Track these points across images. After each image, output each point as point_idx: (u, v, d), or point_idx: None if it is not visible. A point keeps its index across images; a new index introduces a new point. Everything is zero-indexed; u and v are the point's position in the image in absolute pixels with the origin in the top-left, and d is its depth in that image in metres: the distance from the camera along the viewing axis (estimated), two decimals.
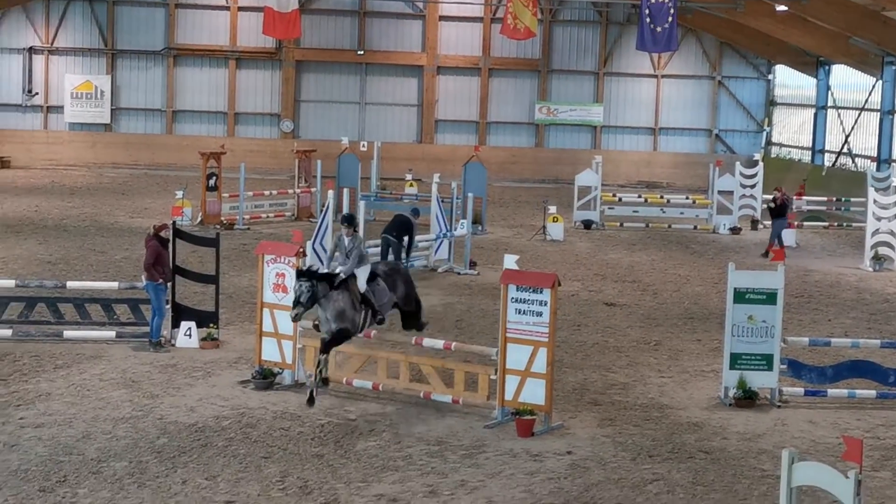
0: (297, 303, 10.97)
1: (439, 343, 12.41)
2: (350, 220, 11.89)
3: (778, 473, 6.66)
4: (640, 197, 28.13)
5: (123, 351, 13.85)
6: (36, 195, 29.49)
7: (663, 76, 36.77)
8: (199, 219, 23.79)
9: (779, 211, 21.17)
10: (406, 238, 18.00)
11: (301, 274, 11.10)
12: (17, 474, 9.71)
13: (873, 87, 30.53)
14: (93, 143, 36.09)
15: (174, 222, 15.10)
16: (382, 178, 27.94)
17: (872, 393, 12.13)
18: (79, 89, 35.80)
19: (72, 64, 36.38)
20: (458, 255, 20.33)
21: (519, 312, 10.85)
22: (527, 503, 9.18)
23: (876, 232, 20.17)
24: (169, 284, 13.77)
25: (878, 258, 20.05)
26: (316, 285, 11.01)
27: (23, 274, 17.93)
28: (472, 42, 36.39)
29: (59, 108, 36.20)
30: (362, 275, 11.63)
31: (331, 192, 18.91)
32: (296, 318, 11.16)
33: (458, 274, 19.74)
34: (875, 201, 20.06)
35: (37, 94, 36.12)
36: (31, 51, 36.08)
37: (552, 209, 24.39)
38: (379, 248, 18.26)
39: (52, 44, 36.42)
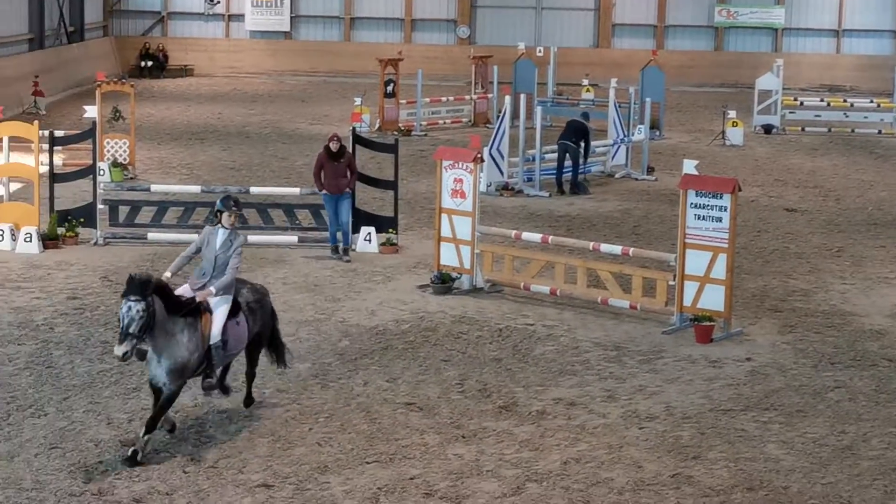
0: (125, 335, 7.17)
1: (617, 249, 12.55)
2: (235, 204, 8.01)
3: None
4: (822, 101, 27.05)
5: (305, 255, 14.15)
6: (218, 102, 30.23)
7: None
8: (378, 125, 24.38)
9: None
10: (583, 143, 17.95)
11: (132, 287, 7.17)
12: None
13: None
14: (273, 50, 37.04)
15: (353, 129, 15.37)
16: (559, 84, 28.15)
17: None
18: None
19: None
20: (635, 161, 20.36)
21: (698, 218, 11.05)
22: (705, 409, 9.22)
23: None
24: (348, 191, 14.07)
25: None
26: (152, 306, 7.31)
27: (208, 180, 18.50)
28: None
29: (240, 17, 37.07)
30: (221, 313, 7.74)
31: (507, 98, 19.11)
32: (124, 358, 7.18)
33: (636, 179, 19.74)
34: None
35: (218, 2, 37.18)
36: None
37: (731, 114, 24.44)
38: (556, 154, 18.30)
39: None
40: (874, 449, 8.43)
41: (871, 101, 26.70)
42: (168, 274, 7.97)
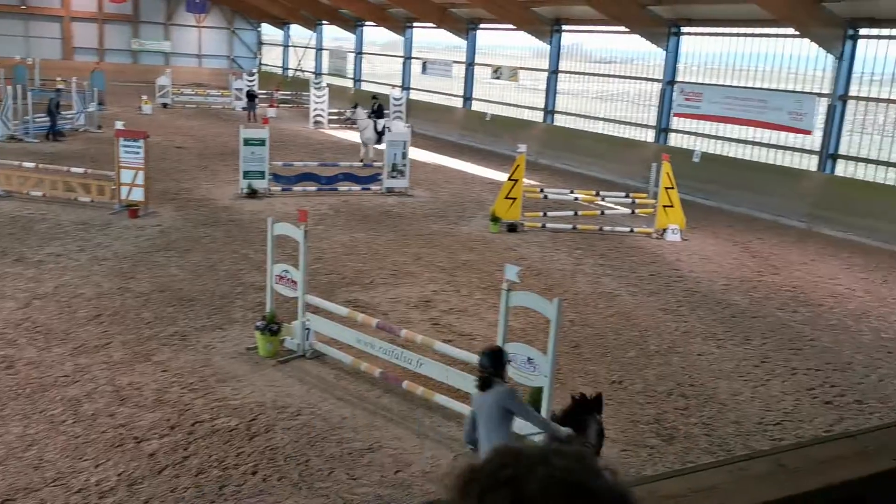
0: None
1: (81, 170, 16.47)
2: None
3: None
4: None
5: None
6: None
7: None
8: None
9: (251, 98, 31.30)
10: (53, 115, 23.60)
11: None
12: None
13: (311, 36, 42.69)
14: None
15: None
16: (43, 80, 32.34)
17: (314, 188, 17.86)
18: None
19: None
20: (91, 122, 26.01)
21: (126, 152, 15.13)
22: (136, 252, 12.50)
23: (315, 109, 31.13)
24: None
25: (316, 122, 30.31)
26: None
27: None
28: None
29: None
30: None
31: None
32: None
33: (92, 132, 25.32)
34: (314, 94, 31.19)
35: None
36: None
37: (145, 97, 32.53)
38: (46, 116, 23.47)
39: None
40: (226, 266, 11.96)
41: (221, 94, 38.31)
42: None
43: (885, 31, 17.45)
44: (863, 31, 17.88)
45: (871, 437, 1.36)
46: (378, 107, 22.85)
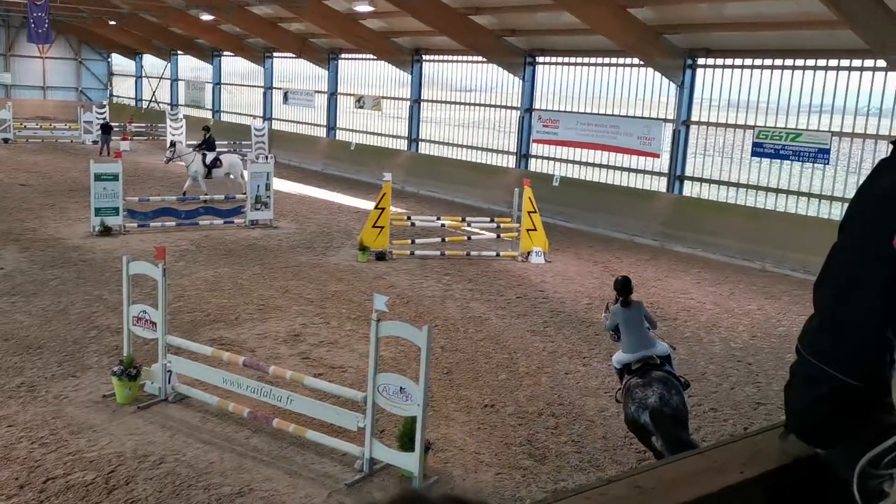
0: None
1: None
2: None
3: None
4: (39, 126, 36.11)
5: None
6: None
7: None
8: None
9: (105, 130, 30.38)
10: None
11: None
12: None
13: (165, 66, 42.31)
14: None
15: None
16: None
17: (173, 223, 17.64)
18: None
19: None
20: None
21: None
22: None
23: (171, 142, 28.39)
24: None
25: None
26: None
27: None
28: None
29: None
30: None
31: None
32: None
33: None
34: (170, 126, 31.48)
35: None
36: None
37: None
38: None
39: None
40: (78, 309, 11.43)
41: (68, 127, 36.80)
42: None
43: (720, 61, 18.68)
44: (700, 61, 19.07)
45: (718, 451, 1.44)
46: (209, 138, 22.54)
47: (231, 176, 20.69)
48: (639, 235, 19.28)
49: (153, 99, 46.02)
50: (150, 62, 47.05)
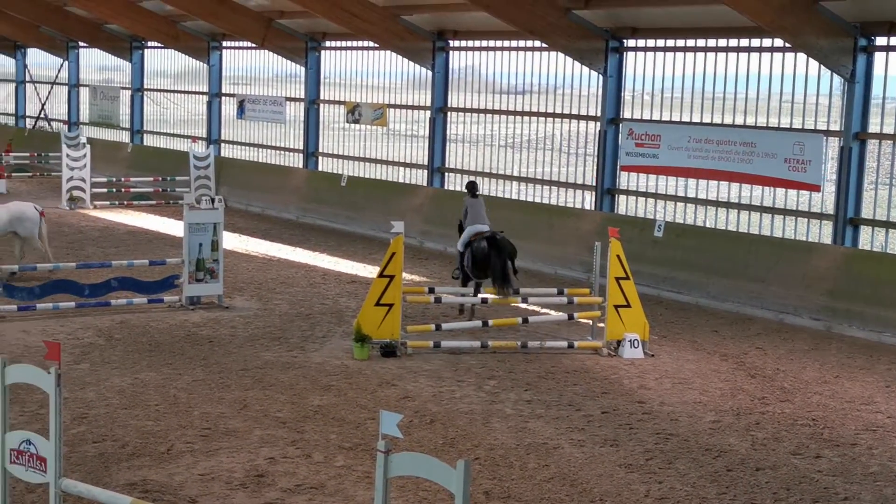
0: None
1: None
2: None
3: None
4: None
5: None
6: None
7: None
8: None
9: None
10: None
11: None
12: None
13: (61, 65, 46.36)
14: None
15: None
16: None
17: (72, 304, 17.99)
18: None
19: None
20: None
21: None
22: None
23: (70, 179, 31.70)
24: None
25: (73, 199, 31.24)
26: None
27: None
28: None
29: None
30: None
31: None
32: None
33: None
34: (68, 155, 31.84)
35: None
36: None
37: None
38: None
39: None
40: None
41: None
42: None
43: None
44: (879, 41, 19.28)
45: None
46: None
47: (21, 235, 20.79)
48: (791, 312, 19.48)
49: (42, 114, 47.75)
50: (39, 60, 49.21)
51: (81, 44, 44.11)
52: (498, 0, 23.22)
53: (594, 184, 24.42)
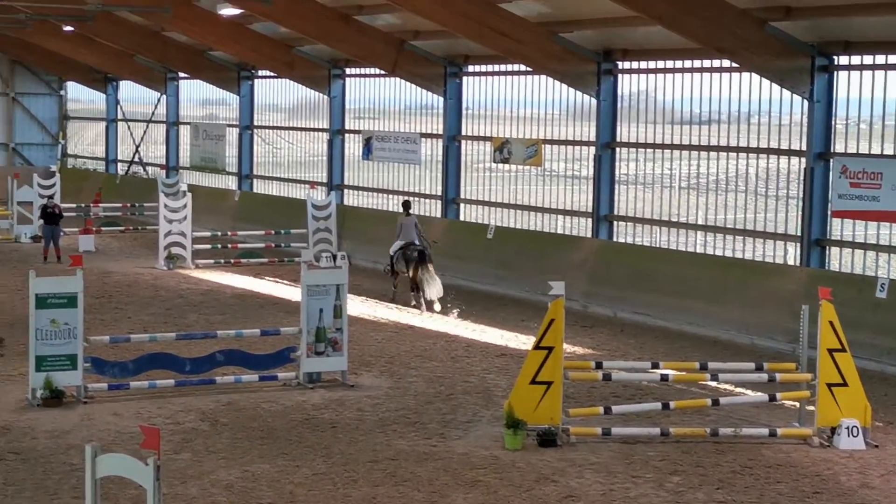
0: None
1: None
2: None
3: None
4: None
5: None
6: None
7: None
8: None
9: (51, 219, 32.35)
10: None
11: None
12: None
13: (158, 100, 47.09)
14: None
15: None
16: None
17: (171, 382, 18.22)
18: None
19: None
20: None
21: None
22: None
23: (168, 233, 32.04)
24: None
25: (171, 257, 31.72)
26: None
27: None
28: None
29: None
30: None
31: None
32: None
33: None
34: (166, 205, 32.12)
35: None
36: None
37: None
38: None
39: None
40: None
41: None
42: None
43: None
44: None
45: None
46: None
47: None
48: None
49: (136, 158, 48.97)
50: (133, 94, 50.53)
51: (182, 75, 45.40)
52: (676, 11, 22.85)
53: (799, 233, 23.92)
